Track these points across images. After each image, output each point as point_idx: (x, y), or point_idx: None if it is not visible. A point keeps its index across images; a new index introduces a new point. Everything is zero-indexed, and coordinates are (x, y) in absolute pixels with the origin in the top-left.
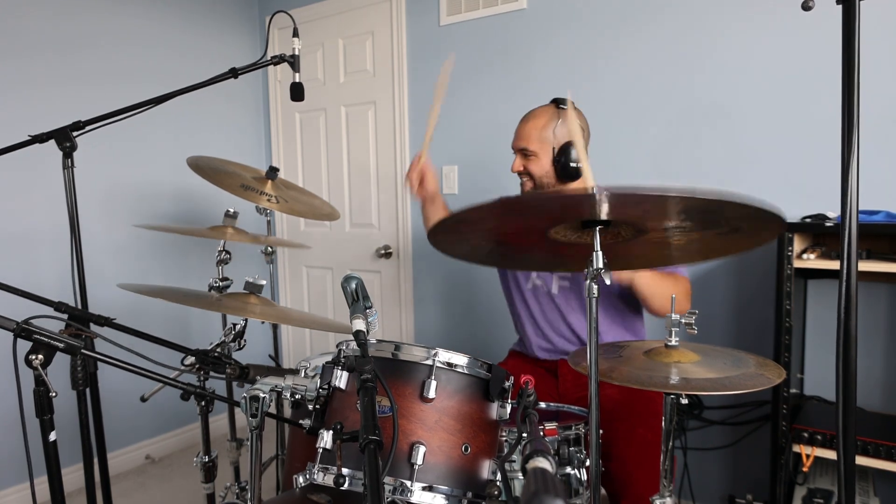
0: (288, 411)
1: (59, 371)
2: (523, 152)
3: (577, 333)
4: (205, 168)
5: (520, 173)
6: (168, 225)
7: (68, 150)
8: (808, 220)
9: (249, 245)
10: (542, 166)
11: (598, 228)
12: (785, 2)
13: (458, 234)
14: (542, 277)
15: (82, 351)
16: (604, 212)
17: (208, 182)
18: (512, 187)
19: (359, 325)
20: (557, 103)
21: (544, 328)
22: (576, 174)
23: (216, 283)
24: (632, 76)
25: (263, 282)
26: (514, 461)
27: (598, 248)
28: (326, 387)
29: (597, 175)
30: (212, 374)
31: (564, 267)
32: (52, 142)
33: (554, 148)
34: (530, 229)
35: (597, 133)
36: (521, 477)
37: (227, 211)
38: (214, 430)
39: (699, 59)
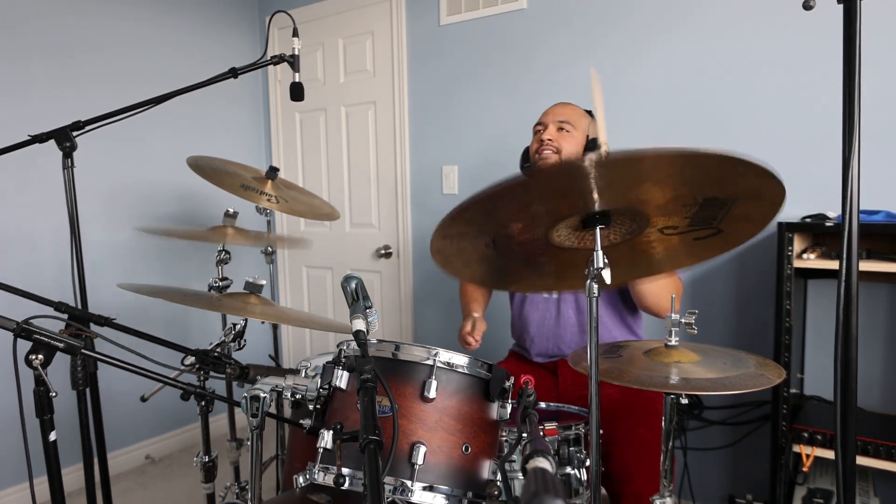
0: (288, 411)
1: (59, 371)
2: (561, 124)
3: (576, 338)
4: (205, 168)
5: (548, 143)
6: (168, 227)
7: (68, 150)
8: (808, 219)
9: (249, 245)
10: (574, 145)
11: (599, 228)
12: (785, 2)
13: (459, 246)
14: None
15: (82, 351)
16: (596, 177)
17: (208, 182)
18: None
19: (359, 324)
20: (588, 112)
21: (541, 336)
22: None
23: (216, 283)
24: (632, 76)
25: (263, 282)
26: (515, 461)
27: (599, 248)
28: (327, 387)
29: None
30: (212, 374)
31: (564, 283)
32: (52, 142)
33: (588, 136)
34: (533, 225)
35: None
36: (522, 477)
37: (227, 211)
38: (214, 430)
39: (699, 60)
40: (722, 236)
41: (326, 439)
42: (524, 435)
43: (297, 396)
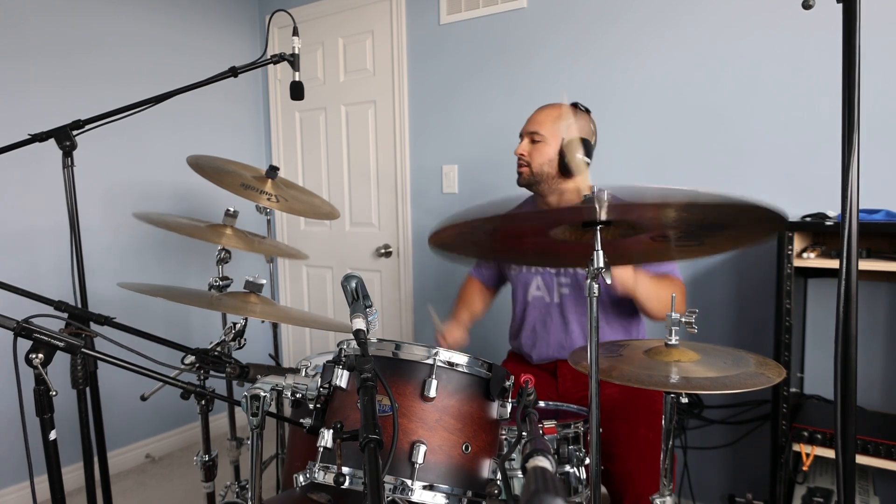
0: (288, 410)
1: (60, 370)
2: (532, 136)
3: (576, 342)
4: (205, 167)
5: (521, 157)
6: (167, 217)
7: (68, 150)
8: (807, 219)
9: (247, 251)
10: (546, 154)
11: (598, 228)
12: (785, 1)
13: (459, 237)
14: (542, 288)
15: (82, 350)
16: (603, 216)
17: (209, 181)
18: (511, 186)
19: (359, 324)
20: (575, 105)
21: (541, 339)
22: (578, 171)
23: (216, 282)
24: (632, 76)
25: (263, 281)
26: (514, 460)
27: (599, 248)
28: (327, 386)
29: (596, 176)
30: (212, 373)
31: (566, 263)
32: (52, 141)
33: (563, 139)
34: (530, 232)
35: (597, 134)
36: (521, 476)
37: (227, 210)
38: (214, 429)
39: (699, 59)
40: (702, 247)
41: (326, 438)
42: (524, 434)
43: (298, 395)
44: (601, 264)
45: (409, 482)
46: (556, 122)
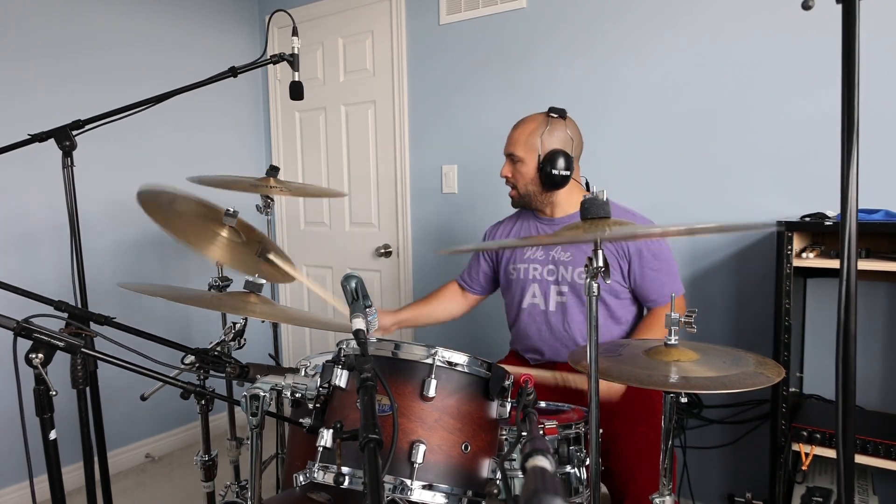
0: (288, 410)
1: (59, 370)
2: (511, 157)
3: (570, 347)
4: (209, 182)
5: (507, 180)
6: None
7: (68, 150)
8: (807, 219)
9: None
10: (527, 174)
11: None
12: (784, 2)
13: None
14: (538, 296)
15: (82, 350)
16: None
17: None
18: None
19: (358, 323)
20: (550, 112)
21: (536, 346)
22: (561, 183)
23: (216, 282)
24: (631, 76)
25: (263, 281)
26: (514, 460)
27: (599, 247)
28: (326, 385)
29: (595, 178)
30: (212, 372)
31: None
32: (52, 141)
33: (540, 155)
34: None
35: (595, 134)
36: (521, 475)
37: (227, 210)
38: (214, 428)
39: (698, 59)
40: None
41: (326, 438)
42: (524, 433)
43: (297, 395)
44: (600, 264)
45: (408, 482)
46: (529, 139)
